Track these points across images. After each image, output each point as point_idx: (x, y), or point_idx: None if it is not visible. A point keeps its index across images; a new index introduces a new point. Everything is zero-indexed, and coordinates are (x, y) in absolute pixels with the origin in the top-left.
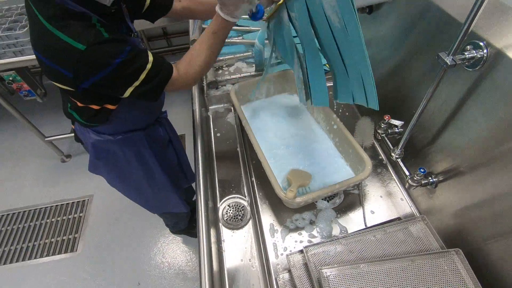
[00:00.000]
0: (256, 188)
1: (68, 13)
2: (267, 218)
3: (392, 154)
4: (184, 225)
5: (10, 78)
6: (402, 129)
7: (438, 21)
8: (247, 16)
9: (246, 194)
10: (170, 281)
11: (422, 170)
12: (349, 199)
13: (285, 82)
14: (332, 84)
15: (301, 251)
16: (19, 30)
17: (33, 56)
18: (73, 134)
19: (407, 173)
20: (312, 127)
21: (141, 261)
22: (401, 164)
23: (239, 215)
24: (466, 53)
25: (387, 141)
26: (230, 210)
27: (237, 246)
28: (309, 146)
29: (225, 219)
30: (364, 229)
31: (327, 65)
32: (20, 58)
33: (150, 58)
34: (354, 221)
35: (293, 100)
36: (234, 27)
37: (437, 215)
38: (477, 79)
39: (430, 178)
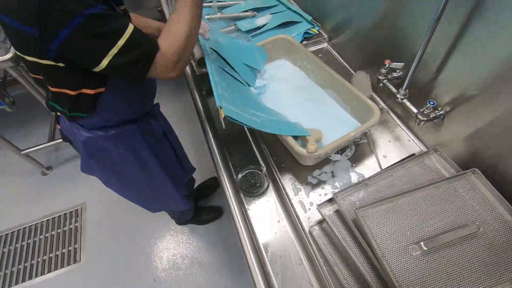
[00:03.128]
0: (269, 154)
1: None
2: (286, 180)
3: (398, 95)
4: (190, 215)
5: None
6: (402, 73)
7: None
8: None
9: (260, 162)
10: (186, 271)
11: (431, 103)
12: (359, 149)
13: (276, 50)
14: None
15: (331, 200)
16: None
17: None
18: (50, 143)
19: (415, 110)
20: (310, 86)
21: (152, 258)
22: (408, 103)
23: (258, 182)
24: None
25: (390, 85)
26: (247, 180)
27: (262, 211)
28: (311, 105)
29: (244, 188)
30: (384, 169)
31: None
32: None
33: (131, 26)
34: (369, 167)
35: (283, 64)
36: (212, 4)
37: (448, 146)
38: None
39: (437, 111)
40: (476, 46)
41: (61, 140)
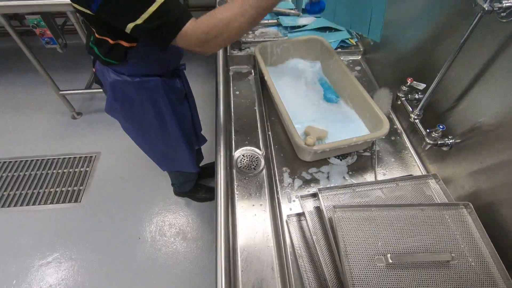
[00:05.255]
0: (272, 142)
1: None
2: (281, 169)
3: (411, 115)
4: (190, 186)
5: (35, 22)
6: (423, 95)
7: None
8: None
9: (261, 147)
10: (170, 239)
11: (441, 127)
12: (361, 160)
13: (308, 49)
14: None
15: (314, 195)
16: None
17: (59, 1)
18: (86, 91)
19: (424, 131)
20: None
21: (143, 218)
22: (419, 124)
23: (253, 165)
24: (504, 2)
25: (407, 104)
26: (244, 159)
27: (248, 191)
28: (327, 109)
29: (238, 166)
30: (377, 181)
31: None
32: (46, 2)
33: None
34: (365, 179)
35: (314, 66)
36: None
37: (450, 177)
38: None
39: (446, 138)
40: (502, 79)
41: (96, 90)
